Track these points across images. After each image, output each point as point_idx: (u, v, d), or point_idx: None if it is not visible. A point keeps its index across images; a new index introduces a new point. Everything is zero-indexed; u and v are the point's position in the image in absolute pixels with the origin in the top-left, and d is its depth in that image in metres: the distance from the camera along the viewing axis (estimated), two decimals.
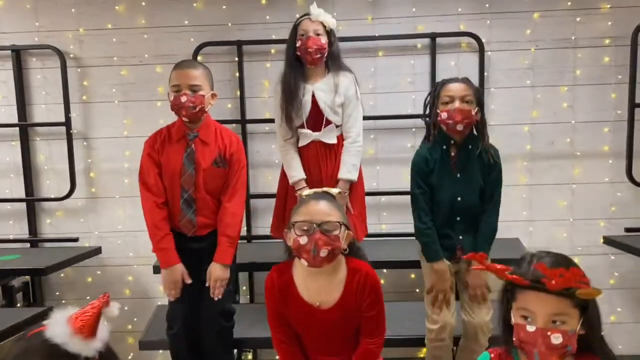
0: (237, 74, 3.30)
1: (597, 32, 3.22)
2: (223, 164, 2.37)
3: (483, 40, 3.20)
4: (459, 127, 2.28)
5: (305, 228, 1.88)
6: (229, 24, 3.30)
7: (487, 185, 2.36)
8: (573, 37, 3.23)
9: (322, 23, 2.65)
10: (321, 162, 2.68)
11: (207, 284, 2.36)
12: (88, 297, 3.51)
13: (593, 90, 3.25)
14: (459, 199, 2.34)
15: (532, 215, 3.34)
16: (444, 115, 2.29)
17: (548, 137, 3.30)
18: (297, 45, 2.64)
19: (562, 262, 1.38)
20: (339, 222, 1.92)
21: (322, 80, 2.70)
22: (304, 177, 2.68)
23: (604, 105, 3.26)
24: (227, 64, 3.34)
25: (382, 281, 3.36)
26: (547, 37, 3.24)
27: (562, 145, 3.29)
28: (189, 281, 2.35)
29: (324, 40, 2.64)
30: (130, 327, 3.42)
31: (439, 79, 3.22)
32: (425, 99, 2.45)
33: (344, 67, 2.76)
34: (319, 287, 1.99)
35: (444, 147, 2.36)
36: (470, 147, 2.35)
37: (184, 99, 2.25)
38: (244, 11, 3.28)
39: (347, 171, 2.68)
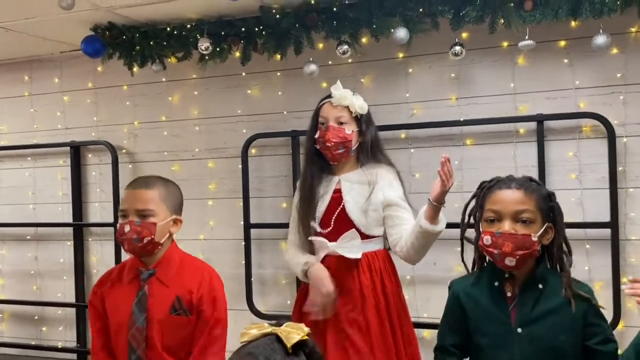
0: (292, 169, 2.77)
1: None
2: (184, 310, 1.74)
3: (614, 122, 2.30)
4: (509, 262, 1.45)
5: None
6: (285, 112, 2.82)
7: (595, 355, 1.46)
8: None
9: (347, 108, 2.02)
10: (340, 284, 1.96)
11: None
12: None
13: None
14: None
15: None
16: (486, 240, 1.47)
17: None
18: (316, 136, 2.05)
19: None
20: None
21: (352, 172, 2.07)
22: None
23: None
24: (282, 157, 2.83)
25: None
26: None
27: None
28: None
29: (349, 130, 2.01)
30: None
31: (549, 174, 2.43)
32: (466, 206, 1.62)
33: (383, 160, 2.08)
34: None
35: (496, 283, 1.52)
36: (540, 285, 1.49)
37: (127, 228, 1.71)
38: (301, 97, 2.78)
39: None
